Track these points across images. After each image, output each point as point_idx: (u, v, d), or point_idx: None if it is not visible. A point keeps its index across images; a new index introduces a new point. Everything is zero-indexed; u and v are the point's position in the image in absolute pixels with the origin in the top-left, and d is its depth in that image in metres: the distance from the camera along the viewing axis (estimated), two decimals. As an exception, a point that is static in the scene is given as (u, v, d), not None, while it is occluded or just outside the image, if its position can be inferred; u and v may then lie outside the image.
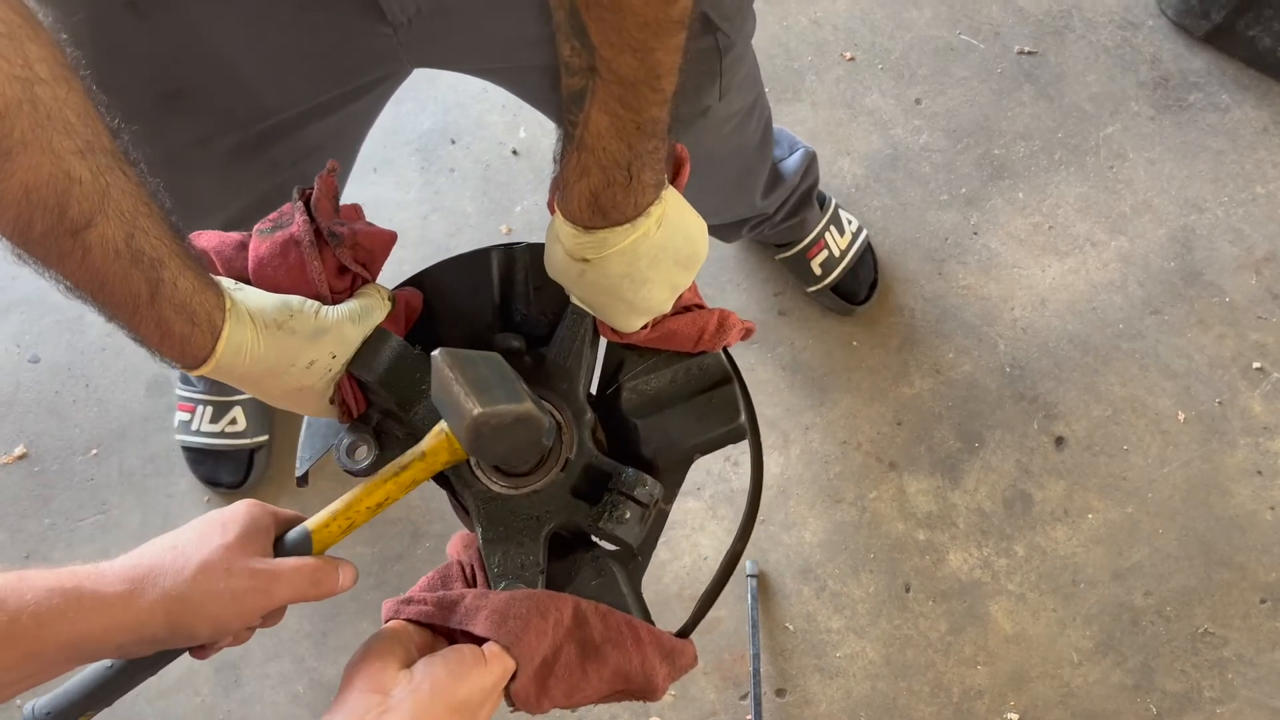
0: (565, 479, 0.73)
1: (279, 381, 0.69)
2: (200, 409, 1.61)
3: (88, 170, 0.55)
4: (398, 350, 0.73)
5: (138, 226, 0.59)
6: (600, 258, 0.67)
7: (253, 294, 0.68)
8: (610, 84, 0.59)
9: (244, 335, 0.66)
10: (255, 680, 1.54)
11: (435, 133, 1.82)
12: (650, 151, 0.63)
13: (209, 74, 0.90)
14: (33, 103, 0.52)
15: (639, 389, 0.77)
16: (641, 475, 0.71)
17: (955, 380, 1.65)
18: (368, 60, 0.96)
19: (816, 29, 1.87)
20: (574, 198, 0.65)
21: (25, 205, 0.54)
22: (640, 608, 0.74)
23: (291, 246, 0.70)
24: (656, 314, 0.74)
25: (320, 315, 0.69)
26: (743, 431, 0.78)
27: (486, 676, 0.64)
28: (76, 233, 0.56)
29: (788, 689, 1.52)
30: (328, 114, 1.00)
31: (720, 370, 0.78)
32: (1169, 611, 1.53)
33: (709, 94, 1.08)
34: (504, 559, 0.71)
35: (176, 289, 0.62)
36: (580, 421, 0.74)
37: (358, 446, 0.74)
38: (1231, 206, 1.73)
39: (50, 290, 1.54)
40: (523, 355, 0.76)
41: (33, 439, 1.68)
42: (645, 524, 0.71)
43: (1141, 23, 1.85)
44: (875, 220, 1.74)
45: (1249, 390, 1.63)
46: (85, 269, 0.58)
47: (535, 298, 0.79)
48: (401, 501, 1.70)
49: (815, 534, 1.58)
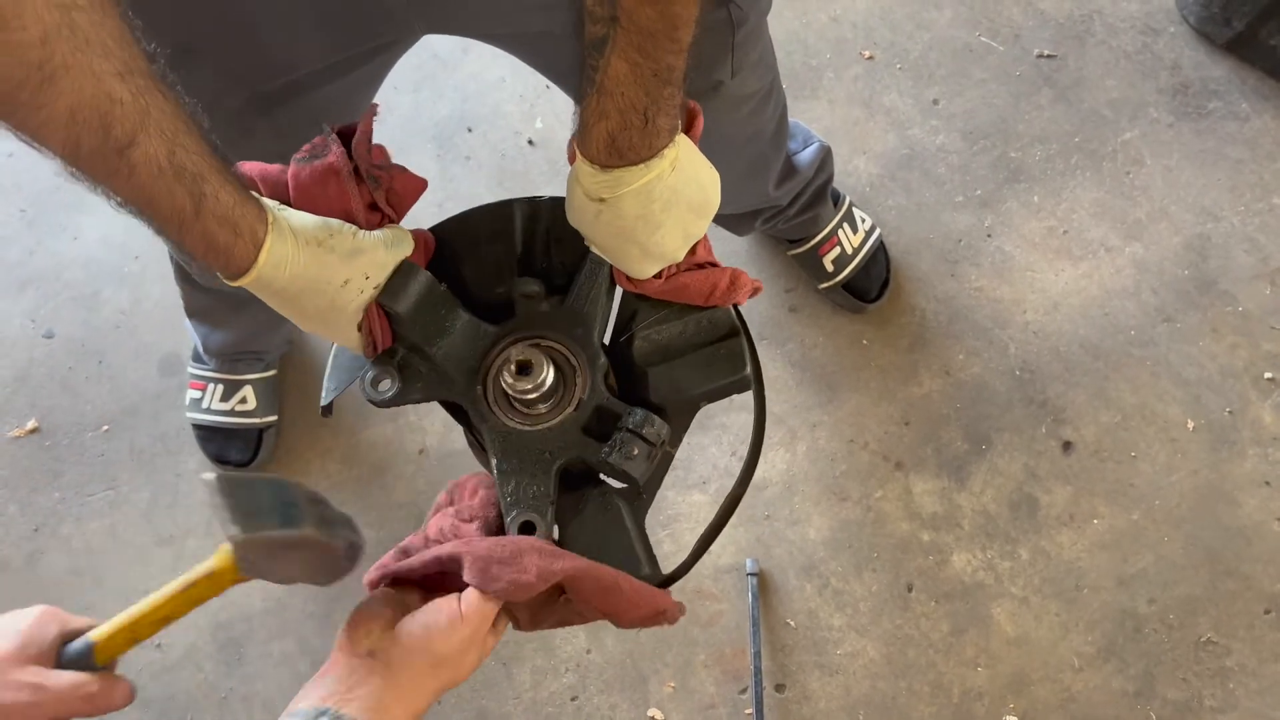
0: (577, 418, 0.77)
1: (313, 299, 0.72)
2: (211, 387, 1.62)
3: (128, 91, 0.58)
4: (425, 284, 0.76)
5: (178, 144, 0.61)
6: (615, 197, 0.70)
7: (294, 213, 0.71)
8: (630, 33, 0.62)
9: (285, 249, 0.68)
10: (258, 658, 1.55)
11: (452, 120, 1.83)
12: (666, 98, 0.66)
13: (220, 30, 0.91)
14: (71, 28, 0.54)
15: (651, 338, 0.80)
16: (650, 415, 0.75)
17: (965, 382, 1.65)
18: (378, 23, 0.97)
19: (835, 26, 1.87)
20: (593, 138, 0.68)
21: (72, 126, 0.56)
22: (643, 543, 0.77)
23: (331, 175, 0.73)
24: (670, 260, 0.76)
25: (357, 237, 0.72)
26: (747, 382, 0.81)
27: (464, 628, 0.67)
28: (121, 151, 0.59)
29: (787, 684, 1.52)
30: (336, 77, 1.01)
31: (729, 323, 0.81)
32: (1172, 619, 1.53)
33: (721, 68, 1.09)
34: (517, 489, 0.75)
35: (219, 202, 0.64)
36: (594, 365, 0.78)
37: (381, 379, 0.77)
38: (1248, 216, 1.72)
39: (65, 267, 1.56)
40: (541, 300, 0.79)
41: (45, 414, 1.69)
42: (652, 462, 0.75)
43: (1163, 29, 1.84)
44: (889, 219, 1.74)
45: (1260, 400, 1.62)
46: (132, 185, 0.61)
47: (556, 249, 0.82)
48: (408, 485, 1.71)
49: (819, 531, 1.58)
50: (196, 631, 1.57)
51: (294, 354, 1.71)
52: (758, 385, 0.82)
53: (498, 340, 0.78)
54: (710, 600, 1.56)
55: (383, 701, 0.64)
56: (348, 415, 1.68)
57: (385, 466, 1.65)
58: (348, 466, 1.65)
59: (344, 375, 0.82)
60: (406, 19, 0.97)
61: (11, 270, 1.77)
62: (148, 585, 0.73)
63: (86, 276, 1.76)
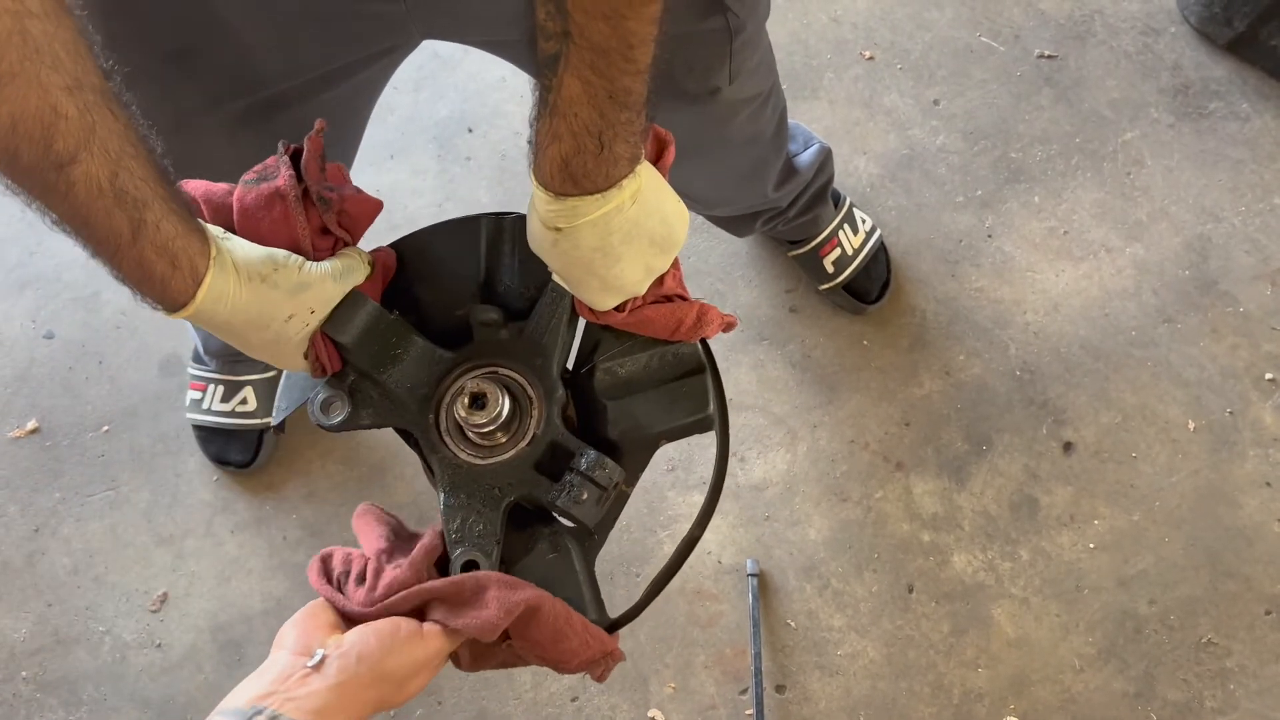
0: (530, 453, 0.74)
1: (256, 333, 0.70)
2: (211, 388, 1.62)
3: (74, 107, 0.56)
4: (373, 314, 0.74)
5: (122, 166, 0.59)
6: (571, 227, 0.67)
7: (239, 244, 0.69)
8: (583, 50, 0.59)
9: (226, 284, 0.66)
10: (259, 659, 1.54)
11: (452, 121, 1.83)
12: (624, 123, 0.63)
13: (218, 35, 0.90)
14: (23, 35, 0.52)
15: (613, 370, 0.77)
16: (603, 459, 0.72)
17: (965, 382, 1.65)
18: (377, 29, 0.96)
19: (836, 27, 1.86)
20: (546, 162, 0.65)
21: (11, 137, 0.55)
22: (591, 585, 0.75)
23: (277, 200, 0.70)
24: (630, 294, 0.74)
25: (303, 270, 0.70)
26: (710, 422, 0.78)
27: (419, 650, 0.65)
28: (61, 167, 0.57)
29: (788, 685, 1.52)
30: (335, 83, 1.00)
31: (694, 359, 0.78)
32: (1173, 620, 1.53)
33: (719, 75, 1.08)
34: (462, 525, 0.73)
35: (159, 231, 0.62)
36: (551, 398, 0.75)
37: (332, 403, 0.75)
38: (1249, 216, 1.72)
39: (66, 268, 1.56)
40: (500, 327, 0.77)
41: (45, 414, 1.69)
42: (602, 506, 0.72)
43: (1164, 29, 1.84)
44: (889, 220, 1.74)
45: (1261, 401, 1.62)
46: (69, 204, 0.59)
47: (520, 270, 0.79)
48: (408, 486, 1.71)
49: (820, 532, 1.58)
50: (196, 632, 1.57)
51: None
52: (721, 425, 0.79)
53: (453, 367, 0.76)
54: (710, 601, 1.56)
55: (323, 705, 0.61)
56: (348, 416, 1.68)
57: (385, 467, 1.65)
58: (348, 467, 1.65)
59: (296, 393, 0.80)
60: (405, 25, 0.96)
61: (12, 271, 1.77)
62: (148, 585, 0.73)
63: (87, 277, 1.76)
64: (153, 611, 1.58)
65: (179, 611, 1.58)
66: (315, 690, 0.61)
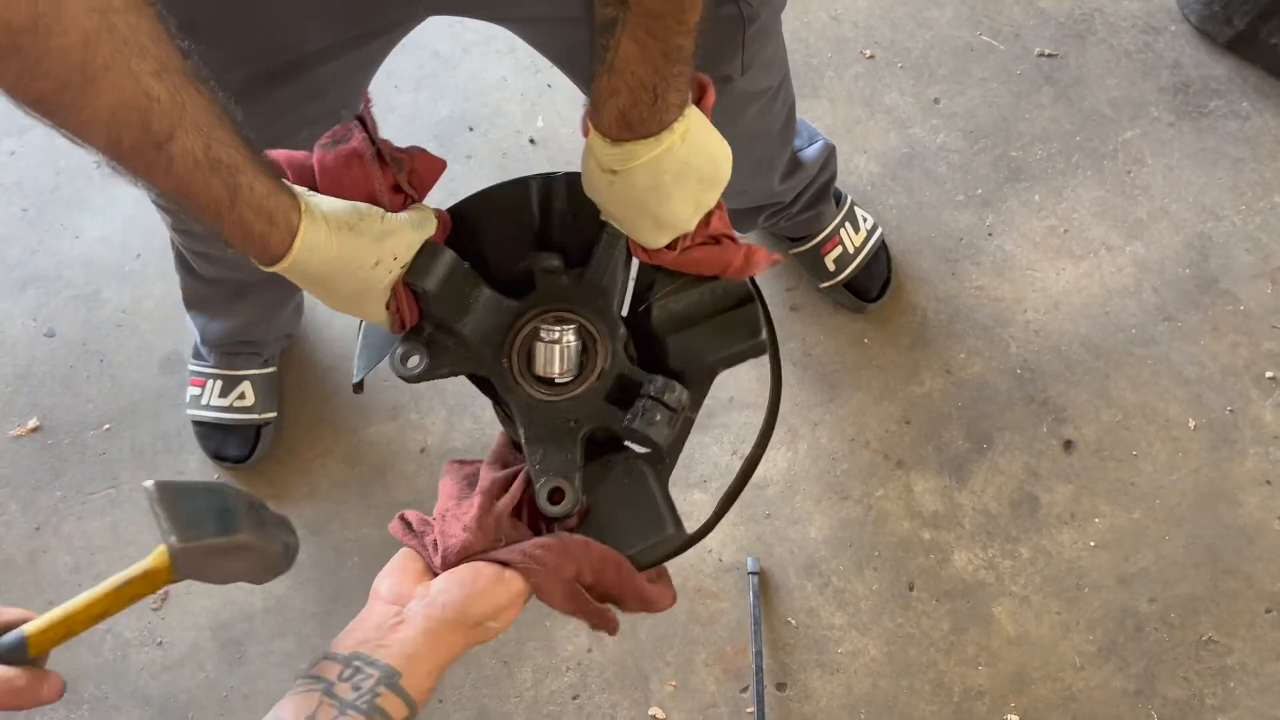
0: (600, 387, 0.79)
1: (345, 281, 0.74)
2: (210, 383, 1.62)
3: (165, 89, 0.60)
4: (450, 263, 0.78)
5: (214, 137, 0.64)
6: (627, 169, 0.72)
7: (324, 199, 0.73)
8: (639, 15, 0.64)
9: (318, 234, 0.70)
10: (259, 657, 1.55)
11: (453, 120, 1.83)
12: (675, 75, 0.68)
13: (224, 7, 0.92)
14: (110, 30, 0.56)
15: (668, 307, 0.82)
16: (670, 382, 0.77)
17: (966, 381, 1.65)
18: (383, 3, 0.98)
19: (836, 25, 1.87)
20: (605, 114, 0.70)
21: (113, 124, 0.59)
22: (668, 503, 0.79)
23: (355, 159, 0.75)
24: (681, 230, 0.78)
25: (385, 219, 0.74)
26: (763, 347, 0.83)
27: (501, 594, 0.70)
28: (160, 145, 0.61)
29: (788, 683, 1.52)
30: (338, 56, 1.01)
31: (743, 291, 0.83)
32: (1173, 618, 1.53)
33: (731, 64, 1.09)
34: (544, 457, 0.77)
35: (254, 192, 0.66)
36: (614, 335, 0.80)
37: (410, 355, 0.79)
38: (1249, 215, 1.72)
39: (66, 266, 1.56)
40: (561, 274, 0.81)
41: (46, 412, 1.69)
42: (673, 427, 0.77)
43: (1164, 28, 1.84)
44: (890, 219, 1.74)
45: (1261, 399, 1.62)
46: (171, 178, 0.63)
47: (572, 224, 0.83)
48: (409, 484, 1.71)
49: (821, 530, 1.59)
50: (198, 630, 1.57)
51: (294, 353, 1.72)
52: (773, 349, 0.85)
53: (520, 314, 0.80)
54: (711, 599, 1.56)
55: (415, 651, 0.66)
56: (349, 414, 1.68)
57: (386, 465, 1.65)
58: (349, 465, 1.65)
59: (374, 353, 0.84)
60: (410, 1, 0.97)
61: (13, 269, 1.77)
62: (149, 584, 0.73)
63: (88, 275, 1.76)
64: (154, 610, 1.58)
65: (180, 610, 1.58)
66: (406, 637, 0.67)
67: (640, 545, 0.77)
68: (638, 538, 0.77)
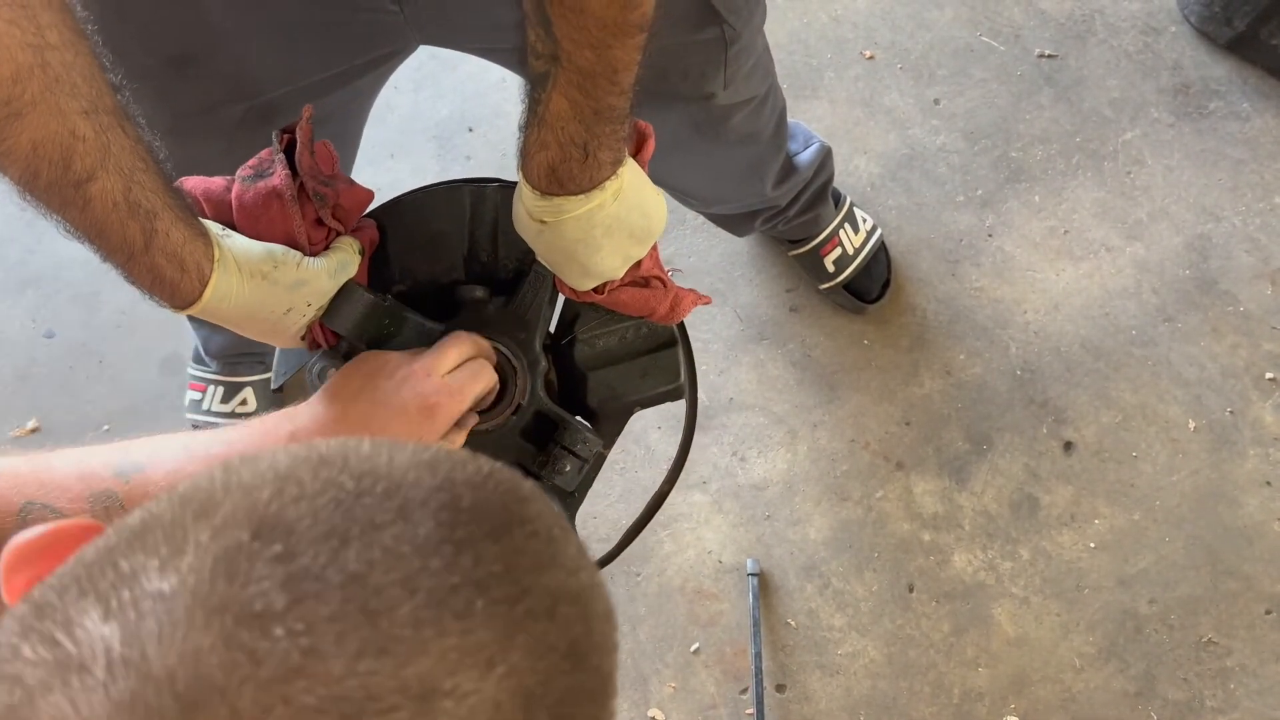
0: (517, 422, 0.79)
1: (255, 324, 0.74)
2: (211, 389, 1.62)
3: (91, 129, 0.59)
4: (367, 305, 0.77)
5: (135, 180, 0.62)
6: (556, 221, 0.71)
7: (240, 242, 0.72)
8: (571, 73, 0.64)
9: (229, 283, 0.69)
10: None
11: (453, 120, 1.83)
12: (608, 134, 0.67)
13: (217, 41, 0.91)
14: (43, 67, 0.55)
15: (592, 342, 0.82)
16: (584, 433, 0.78)
17: (965, 382, 1.65)
18: (374, 35, 0.97)
19: (836, 26, 1.86)
20: (534, 166, 0.70)
21: (32, 159, 0.58)
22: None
23: (274, 198, 0.73)
24: (608, 278, 0.77)
25: (301, 267, 0.73)
26: (680, 392, 0.84)
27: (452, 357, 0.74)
28: (79, 185, 0.60)
29: (788, 685, 1.52)
30: (334, 89, 1.01)
31: (667, 334, 0.83)
32: (1173, 620, 1.53)
33: (713, 82, 1.09)
34: None
35: (169, 238, 0.65)
36: (534, 370, 0.80)
37: (326, 370, 0.79)
38: (1249, 216, 1.72)
39: (66, 267, 1.55)
40: (486, 303, 0.81)
41: (45, 413, 1.69)
42: (582, 474, 0.79)
43: (1164, 28, 1.84)
44: (890, 219, 1.74)
45: (1261, 401, 1.62)
46: (86, 217, 0.62)
47: (502, 240, 0.83)
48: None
49: (820, 531, 1.58)
50: (197, 631, 1.57)
51: (294, 354, 1.72)
52: (690, 394, 0.85)
53: None
54: (711, 600, 1.56)
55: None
56: (348, 415, 1.68)
57: (386, 466, 1.64)
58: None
59: (293, 359, 0.85)
60: (401, 31, 0.97)
61: (12, 270, 1.77)
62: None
63: (87, 276, 1.76)
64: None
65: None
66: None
67: None
68: None
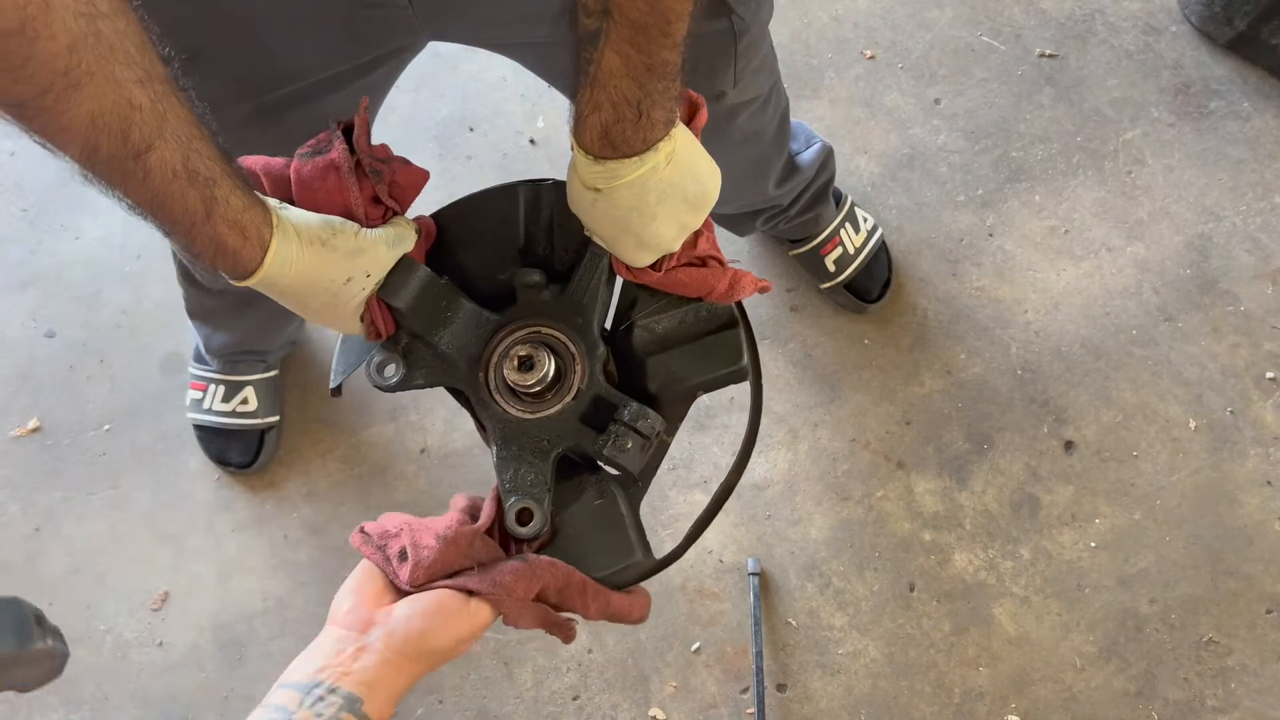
0: (575, 407, 0.78)
1: (317, 296, 0.74)
2: (212, 388, 1.62)
3: (147, 98, 0.59)
4: (425, 279, 0.77)
5: (192, 149, 0.63)
6: (610, 188, 0.71)
7: (297, 213, 0.72)
8: (622, 26, 0.62)
9: (289, 249, 0.69)
10: (260, 658, 1.55)
11: (453, 120, 1.83)
12: (660, 91, 0.66)
13: (226, 36, 0.91)
14: (96, 36, 0.55)
15: (650, 327, 0.81)
16: (645, 409, 0.76)
17: (966, 381, 1.65)
18: (383, 31, 0.97)
19: (837, 26, 1.86)
20: (587, 129, 0.68)
21: (92, 132, 0.58)
22: (637, 529, 0.78)
23: (331, 172, 0.73)
24: (664, 251, 0.77)
25: (359, 235, 0.73)
26: (744, 373, 0.82)
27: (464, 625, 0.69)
28: (138, 156, 0.60)
29: (789, 684, 1.52)
30: (343, 85, 1.01)
31: (728, 314, 0.81)
32: (1174, 619, 1.53)
33: (723, 78, 1.09)
34: (515, 476, 0.76)
35: (229, 205, 0.65)
36: (592, 355, 0.79)
37: (386, 364, 0.79)
38: (1250, 215, 1.72)
39: (66, 267, 1.55)
40: (542, 289, 0.80)
41: (46, 413, 1.69)
42: (646, 453, 0.77)
43: (1164, 28, 1.84)
44: (891, 219, 1.74)
45: (1261, 400, 1.62)
46: (146, 189, 0.62)
47: (558, 234, 0.82)
48: (409, 485, 1.70)
49: (821, 531, 1.58)
50: (198, 631, 1.57)
51: (296, 354, 1.71)
52: (755, 375, 0.83)
53: (500, 329, 0.79)
54: (712, 600, 1.56)
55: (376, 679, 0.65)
56: (349, 414, 1.68)
57: (386, 466, 1.65)
58: (349, 466, 1.65)
59: (352, 358, 0.83)
60: (410, 27, 0.97)
61: (13, 270, 1.77)
62: (150, 584, 0.73)
63: (88, 276, 1.76)
64: (154, 610, 1.58)
65: (180, 610, 1.58)
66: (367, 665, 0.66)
67: (607, 570, 0.76)
68: (605, 561, 0.76)
